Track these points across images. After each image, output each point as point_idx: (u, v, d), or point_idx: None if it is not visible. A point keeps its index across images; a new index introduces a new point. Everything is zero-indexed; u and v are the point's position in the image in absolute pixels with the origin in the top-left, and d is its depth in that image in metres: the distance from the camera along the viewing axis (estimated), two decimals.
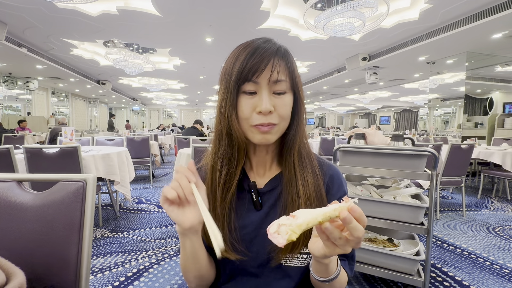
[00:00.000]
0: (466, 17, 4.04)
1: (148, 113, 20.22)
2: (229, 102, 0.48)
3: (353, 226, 0.33)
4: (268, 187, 0.55)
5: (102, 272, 1.67)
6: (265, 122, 0.47)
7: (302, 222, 0.32)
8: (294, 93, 0.50)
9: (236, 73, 0.47)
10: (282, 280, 0.53)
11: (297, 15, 4.36)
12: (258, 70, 0.45)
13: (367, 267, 1.42)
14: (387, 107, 18.66)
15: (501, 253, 1.96)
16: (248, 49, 0.47)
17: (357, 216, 0.33)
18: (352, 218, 0.32)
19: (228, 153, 0.52)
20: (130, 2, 3.87)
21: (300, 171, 0.52)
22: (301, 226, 0.32)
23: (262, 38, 0.50)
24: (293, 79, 0.49)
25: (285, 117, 0.49)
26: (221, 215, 0.51)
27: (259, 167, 0.57)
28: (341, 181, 0.56)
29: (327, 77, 8.18)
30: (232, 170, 0.52)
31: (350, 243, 0.35)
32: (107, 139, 3.45)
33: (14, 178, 0.60)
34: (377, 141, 1.68)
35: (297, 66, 0.51)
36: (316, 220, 0.32)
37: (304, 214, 0.33)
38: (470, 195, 3.56)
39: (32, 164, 1.97)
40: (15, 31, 4.86)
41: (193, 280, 0.53)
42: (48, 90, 9.87)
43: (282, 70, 0.47)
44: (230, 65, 0.48)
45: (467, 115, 6.44)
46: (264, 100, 0.46)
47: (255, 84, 0.46)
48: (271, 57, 0.46)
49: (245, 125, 0.49)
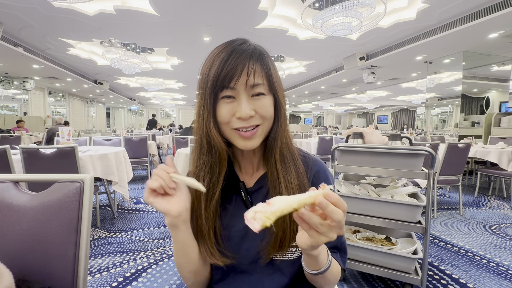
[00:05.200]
0: (462, 17, 4.07)
1: (146, 113, 20.13)
2: (206, 110, 0.48)
3: (330, 210, 0.33)
4: (257, 186, 0.56)
5: (100, 272, 1.66)
6: (247, 125, 0.46)
7: (276, 209, 0.33)
8: (274, 95, 0.49)
9: (211, 81, 0.46)
10: (274, 275, 0.53)
11: (295, 15, 4.36)
12: (234, 76, 0.45)
13: (365, 266, 1.43)
14: (385, 106, 18.73)
15: (498, 251, 1.98)
16: (223, 54, 0.46)
17: (334, 201, 0.34)
18: (328, 203, 0.33)
19: (210, 161, 0.51)
20: (128, 1, 3.85)
21: (283, 173, 0.51)
22: (275, 213, 0.33)
23: (238, 40, 0.49)
24: (271, 81, 0.48)
25: (267, 117, 0.48)
26: (206, 223, 0.51)
27: (247, 167, 0.58)
28: (326, 175, 0.57)
29: (325, 76, 8.19)
30: (215, 178, 0.52)
31: (333, 229, 0.35)
32: (105, 139, 3.44)
33: (11, 179, 0.60)
34: (374, 140, 1.69)
35: (275, 66, 0.50)
36: (291, 207, 0.33)
37: (279, 201, 0.34)
38: (467, 194, 3.59)
39: (29, 165, 1.96)
40: (11, 31, 4.81)
41: (188, 276, 0.54)
42: (44, 90, 9.79)
43: (258, 73, 0.46)
44: (206, 71, 0.48)
45: (464, 114, 6.48)
46: (243, 106, 0.45)
47: (232, 90, 0.46)
48: (246, 61, 0.45)
49: (226, 130, 0.49)
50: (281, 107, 0.50)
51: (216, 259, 0.51)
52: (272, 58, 0.51)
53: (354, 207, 1.48)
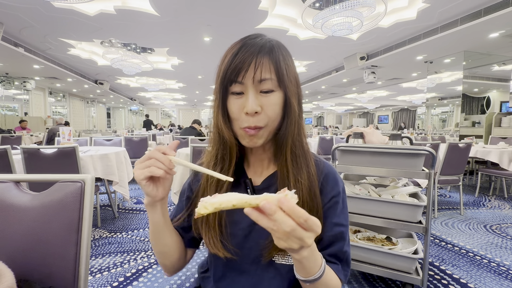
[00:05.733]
0: (463, 17, 4.06)
1: (146, 113, 20.14)
2: (217, 104, 0.49)
3: (275, 218, 0.31)
4: (264, 185, 0.55)
5: (101, 272, 1.66)
6: (251, 125, 0.46)
7: (216, 201, 0.34)
8: (284, 91, 0.48)
9: (222, 75, 0.47)
10: (274, 279, 0.52)
11: (295, 15, 4.35)
12: (242, 70, 0.45)
13: (366, 266, 1.42)
14: (385, 106, 18.70)
15: (498, 251, 1.97)
16: (234, 49, 0.46)
17: (286, 209, 0.31)
18: (274, 209, 0.31)
19: (221, 152, 0.52)
20: (128, 2, 3.86)
21: (293, 171, 0.50)
22: (213, 204, 0.34)
23: (253, 35, 0.49)
24: (280, 76, 0.46)
25: (273, 118, 0.48)
26: (213, 214, 0.52)
27: (256, 165, 0.57)
28: (336, 180, 0.55)
29: (326, 76, 8.19)
30: (225, 168, 0.53)
31: (290, 239, 0.32)
32: (105, 139, 3.44)
33: (12, 179, 0.60)
34: (375, 140, 1.69)
35: (288, 61, 0.49)
36: (230, 203, 0.34)
37: (223, 195, 0.35)
38: (467, 194, 3.58)
39: (30, 165, 1.96)
40: (11, 31, 4.82)
41: (157, 256, 0.56)
42: (45, 90, 9.80)
43: (266, 67, 0.45)
44: (219, 66, 0.49)
45: (464, 114, 6.47)
46: (250, 101, 0.45)
47: (241, 85, 0.46)
48: (254, 55, 0.45)
49: (236, 127, 0.49)
50: (292, 103, 0.48)
51: (217, 250, 0.51)
52: (287, 52, 0.50)
53: (355, 207, 1.48)
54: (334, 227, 0.52)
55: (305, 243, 0.33)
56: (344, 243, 0.52)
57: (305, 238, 0.33)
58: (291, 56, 0.51)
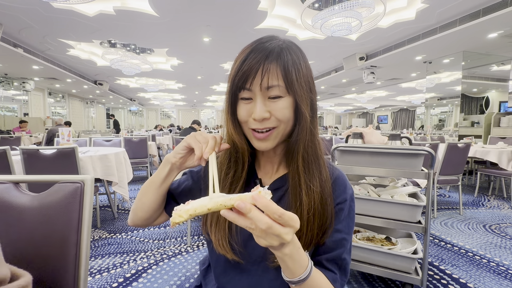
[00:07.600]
0: (462, 17, 4.07)
1: (146, 113, 20.14)
2: (227, 111, 0.50)
3: (251, 216, 0.31)
4: (273, 186, 0.55)
5: (101, 273, 1.66)
6: (261, 127, 0.47)
7: (190, 208, 0.34)
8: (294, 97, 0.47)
9: (231, 81, 0.47)
10: (275, 281, 0.52)
11: (295, 15, 4.36)
12: (249, 77, 0.45)
13: (365, 266, 1.43)
14: (385, 106, 18.73)
15: (498, 250, 1.98)
16: (243, 54, 0.46)
17: (260, 205, 0.31)
18: (249, 207, 0.31)
19: (235, 156, 0.54)
20: (127, 2, 3.85)
21: (305, 179, 0.49)
22: (188, 211, 0.34)
23: (265, 38, 0.48)
24: (289, 82, 0.45)
25: (284, 120, 0.47)
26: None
27: (267, 166, 0.58)
28: (345, 187, 0.54)
29: (325, 76, 8.20)
30: (239, 172, 0.53)
31: (269, 236, 0.33)
32: (105, 140, 3.44)
33: (11, 180, 0.60)
34: (374, 140, 1.69)
35: (298, 64, 0.46)
36: (205, 207, 0.33)
37: (197, 201, 0.34)
38: (466, 194, 3.59)
39: (29, 166, 1.96)
40: (10, 32, 4.82)
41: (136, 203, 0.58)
42: (44, 90, 9.79)
43: (273, 74, 0.44)
44: (230, 71, 0.49)
45: (463, 114, 6.48)
46: (258, 108, 0.45)
47: (249, 91, 0.46)
48: (261, 62, 0.44)
49: (245, 128, 0.50)
50: (303, 109, 0.47)
51: (225, 251, 0.51)
52: (299, 55, 0.48)
53: (355, 207, 1.47)
54: (334, 233, 0.51)
55: (284, 239, 0.33)
56: (344, 250, 0.52)
57: (283, 234, 0.33)
58: (305, 58, 0.49)
